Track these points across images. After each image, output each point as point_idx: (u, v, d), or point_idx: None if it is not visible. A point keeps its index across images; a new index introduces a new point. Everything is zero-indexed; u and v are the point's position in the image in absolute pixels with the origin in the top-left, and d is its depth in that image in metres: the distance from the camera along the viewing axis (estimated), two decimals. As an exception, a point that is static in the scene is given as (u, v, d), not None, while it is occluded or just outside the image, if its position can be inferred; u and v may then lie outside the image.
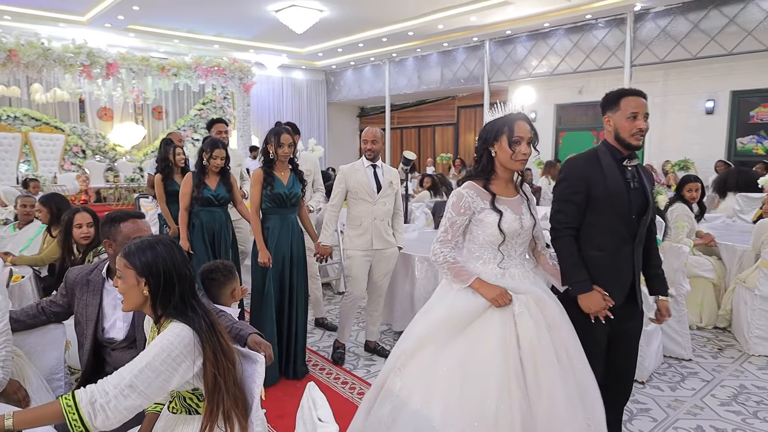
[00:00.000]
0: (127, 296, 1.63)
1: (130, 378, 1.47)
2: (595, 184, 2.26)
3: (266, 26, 10.98)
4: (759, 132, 9.31)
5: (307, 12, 9.50)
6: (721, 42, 8.73)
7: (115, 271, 2.04)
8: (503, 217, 2.11)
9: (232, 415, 1.63)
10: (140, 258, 1.61)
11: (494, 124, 2.15)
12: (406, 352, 2.13)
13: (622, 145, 2.29)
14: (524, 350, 2.00)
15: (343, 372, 3.67)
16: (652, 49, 9.53)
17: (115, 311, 2.03)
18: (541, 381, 1.97)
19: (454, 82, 13.06)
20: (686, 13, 9.09)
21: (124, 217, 2.06)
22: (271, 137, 3.45)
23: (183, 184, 3.93)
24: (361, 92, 15.55)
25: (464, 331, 2.06)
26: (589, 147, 2.50)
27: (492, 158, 2.17)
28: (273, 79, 15.11)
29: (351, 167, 3.77)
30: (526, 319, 2.04)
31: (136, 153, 12.58)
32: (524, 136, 2.10)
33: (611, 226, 2.27)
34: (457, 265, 2.14)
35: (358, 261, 3.71)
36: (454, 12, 10.03)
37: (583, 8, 9.61)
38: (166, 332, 1.57)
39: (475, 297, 2.08)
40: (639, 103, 2.26)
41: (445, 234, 2.18)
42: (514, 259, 2.18)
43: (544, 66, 11.20)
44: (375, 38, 11.96)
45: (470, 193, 2.15)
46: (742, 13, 8.49)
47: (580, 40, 10.53)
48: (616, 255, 2.29)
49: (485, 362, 1.98)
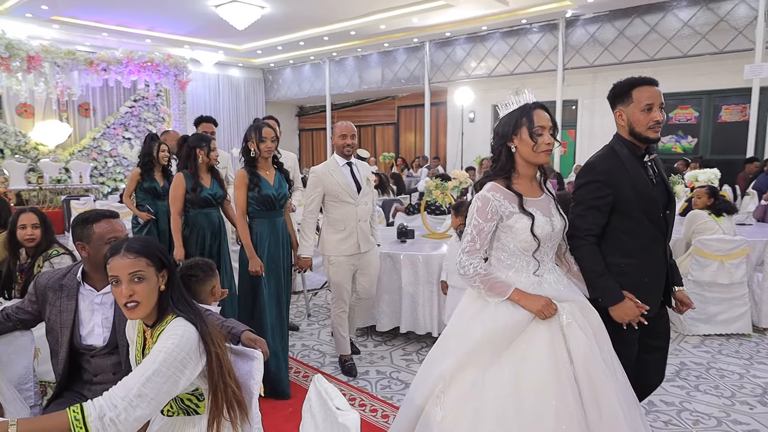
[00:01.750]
0: (148, 298, 1.56)
1: (138, 388, 1.43)
2: (622, 185, 2.08)
3: (203, 21, 10.64)
4: (677, 132, 10.12)
5: (248, 8, 9.31)
6: (644, 48, 9.40)
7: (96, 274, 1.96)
8: (535, 221, 1.91)
9: (236, 409, 1.62)
10: (156, 249, 1.58)
11: (510, 116, 1.96)
12: (444, 378, 1.90)
13: (639, 140, 2.13)
14: (578, 367, 1.81)
15: (379, 402, 3.25)
16: (583, 54, 10.11)
17: (93, 316, 1.93)
18: (600, 401, 1.79)
19: (394, 82, 13.23)
20: (613, 21, 9.71)
21: (97, 217, 1.95)
22: (251, 133, 3.17)
23: (175, 186, 3.57)
24: (301, 91, 15.40)
25: (508, 349, 1.86)
26: None
27: (512, 154, 1.98)
28: (209, 76, 14.66)
29: (324, 168, 3.48)
30: (575, 330, 1.86)
31: (60, 153, 11.79)
32: (545, 125, 1.92)
33: (640, 228, 2.11)
34: (490, 277, 1.93)
35: (343, 267, 3.49)
36: (397, 13, 10.17)
37: (518, 13, 10.03)
38: (168, 335, 1.54)
39: (517, 310, 1.88)
40: (653, 93, 2.09)
41: (472, 243, 1.95)
42: (546, 265, 1.99)
43: (482, 68, 11.58)
44: (316, 37, 11.90)
45: (497, 196, 1.94)
46: (662, 22, 9.19)
47: (516, 43, 10.99)
48: (648, 259, 2.13)
49: (538, 384, 1.78)
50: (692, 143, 9.96)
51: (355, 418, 1.38)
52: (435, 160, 12.12)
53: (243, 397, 1.69)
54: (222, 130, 13.51)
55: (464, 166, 11.23)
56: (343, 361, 3.68)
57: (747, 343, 4.12)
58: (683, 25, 8.95)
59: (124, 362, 1.90)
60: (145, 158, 4.53)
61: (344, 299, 3.57)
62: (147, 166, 4.51)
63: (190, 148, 3.62)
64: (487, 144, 12.59)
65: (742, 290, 4.24)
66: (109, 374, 1.91)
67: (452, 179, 4.87)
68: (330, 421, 1.48)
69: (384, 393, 3.37)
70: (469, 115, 12.66)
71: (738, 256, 4.18)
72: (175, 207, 3.56)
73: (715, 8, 8.68)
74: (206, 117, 4.74)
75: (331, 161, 3.52)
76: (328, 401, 1.49)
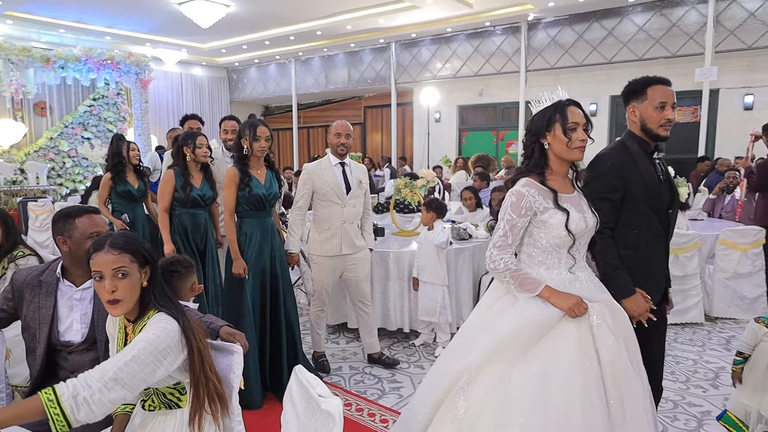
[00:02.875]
0: (131, 295, 1.57)
1: (115, 371, 1.45)
2: (632, 179, 2.14)
3: (165, 19, 10.44)
4: (633, 132, 10.52)
5: (213, 6, 9.19)
6: (602, 51, 9.74)
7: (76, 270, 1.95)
8: (570, 217, 1.90)
9: (217, 403, 1.66)
10: (140, 246, 1.58)
11: (544, 113, 1.97)
12: (470, 370, 1.88)
13: (649, 136, 2.19)
14: (605, 368, 1.79)
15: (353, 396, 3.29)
16: (544, 56, 10.39)
17: (71, 313, 1.92)
18: (625, 405, 1.79)
19: (361, 82, 13.27)
20: (572, 25, 10.02)
21: (79, 212, 1.95)
22: (245, 130, 3.06)
23: (164, 182, 3.54)
24: (266, 91, 15.27)
25: (536, 346, 1.84)
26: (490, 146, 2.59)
27: (545, 151, 1.97)
28: (171, 75, 14.37)
29: (317, 166, 3.45)
30: (604, 332, 1.84)
31: (15, 153, 11.36)
32: (579, 121, 1.93)
33: (646, 222, 2.16)
34: (521, 273, 1.92)
35: (325, 267, 3.46)
36: (363, 14, 10.22)
37: (482, 16, 10.23)
38: (151, 327, 1.56)
39: (547, 307, 1.86)
40: (667, 92, 2.16)
41: (504, 238, 1.94)
42: (580, 263, 1.98)
43: (447, 69, 11.76)
44: (282, 36, 11.83)
45: (531, 192, 1.92)
46: (618, 26, 9.54)
47: (480, 45, 11.20)
48: (649, 253, 2.19)
49: (566, 382, 1.77)
50: (648, 143, 10.37)
51: (338, 403, 1.43)
52: (401, 160, 12.23)
53: (224, 391, 1.72)
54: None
55: (431, 166, 11.37)
56: (316, 358, 3.69)
57: (700, 332, 4.36)
58: (638, 30, 9.32)
59: (102, 358, 1.90)
60: (114, 159, 4.33)
61: (323, 299, 3.55)
62: (117, 168, 4.31)
63: (178, 146, 3.59)
64: (453, 144, 12.81)
65: (695, 282, 4.48)
66: (86, 371, 1.91)
67: (420, 178, 4.97)
68: (312, 408, 1.52)
69: (357, 388, 3.43)
70: (435, 115, 12.82)
71: (691, 250, 4.42)
72: (163, 203, 3.52)
73: (668, 14, 9.07)
74: (191, 115, 4.63)
75: (325, 160, 3.49)
76: (310, 389, 1.53)
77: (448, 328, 3.98)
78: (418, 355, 3.95)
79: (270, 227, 3.23)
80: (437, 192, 6.45)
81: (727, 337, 4.24)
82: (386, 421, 2.97)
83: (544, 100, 2.00)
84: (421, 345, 4.10)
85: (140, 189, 4.45)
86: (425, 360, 3.84)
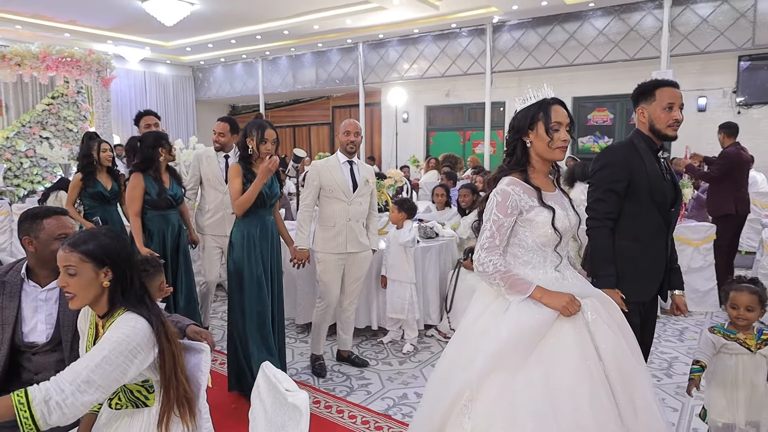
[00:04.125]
0: (83, 292, 1.57)
1: (87, 373, 1.45)
2: (637, 172, 2.20)
3: (128, 16, 10.22)
4: (595, 133, 10.84)
5: (177, 4, 9.05)
6: (564, 54, 10.00)
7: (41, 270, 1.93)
8: (556, 214, 1.88)
9: (185, 402, 1.67)
10: (96, 247, 1.57)
11: (528, 111, 1.95)
12: (470, 385, 1.79)
13: (657, 136, 2.27)
14: (608, 363, 1.76)
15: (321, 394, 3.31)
16: (509, 58, 10.61)
17: (36, 314, 1.90)
18: (634, 396, 1.75)
19: (329, 82, 13.27)
20: (536, 28, 10.26)
21: (46, 213, 1.94)
22: (252, 130, 3.04)
23: (132, 186, 3.46)
24: (233, 90, 15.10)
25: (535, 350, 1.78)
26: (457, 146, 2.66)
27: (526, 149, 1.96)
28: (134, 73, 14.05)
29: (325, 163, 3.44)
30: (601, 326, 1.81)
31: (-31, 153, 10.94)
32: (562, 121, 1.90)
33: (649, 216, 2.22)
34: (511, 275, 1.86)
35: (331, 265, 3.43)
36: (330, 14, 10.22)
37: (448, 18, 10.37)
38: (119, 325, 1.56)
39: (540, 309, 1.80)
40: (675, 94, 2.23)
41: (492, 239, 1.89)
42: (564, 260, 1.97)
43: (414, 69, 11.87)
44: (249, 35, 11.72)
45: (516, 190, 1.89)
46: (579, 30, 9.82)
47: (447, 46, 11.35)
48: (650, 245, 2.23)
49: (571, 383, 1.71)
50: (608, 143, 10.70)
51: (305, 397, 1.47)
52: (370, 160, 12.27)
53: (192, 395, 1.74)
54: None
55: (399, 166, 11.46)
56: (313, 360, 3.65)
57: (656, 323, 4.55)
58: (598, 34, 9.62)
59: (68, 358, 1.89)
60: (84, 160, 4.13)
61: (330, 299, 3.49)
62: (88, 168, 4.12)
63: (150, 148, 3.49)
64: (421, 144, 12.94)
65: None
66: (51, 372, 1.88)
67: (388, 178, 5.03)
68: (279, 403, 1.56)
69: (326, 385, 3.47)
70: (403, 115, 12.92)
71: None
72: (134, 208, 3.45)
73: (626, 18, 9.39)
74: (147, 111, 4.49)
75: (333, 157, 3.50)
76: (278, 384, 1.57)
77: (416, 324, 4.05)
78: (386, 352, 4.00)
79: (270, 227, 3.19)
80: (405, 192, 6.53)
81: (681, 328, 4.44)
82: (354, 417, 3.02)
83: (529, 98, 1.98)
84: (389, 342, 4.16)
85: (113, 190, 4.27)
86: (393, 357, 3.90)
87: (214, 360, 3.77)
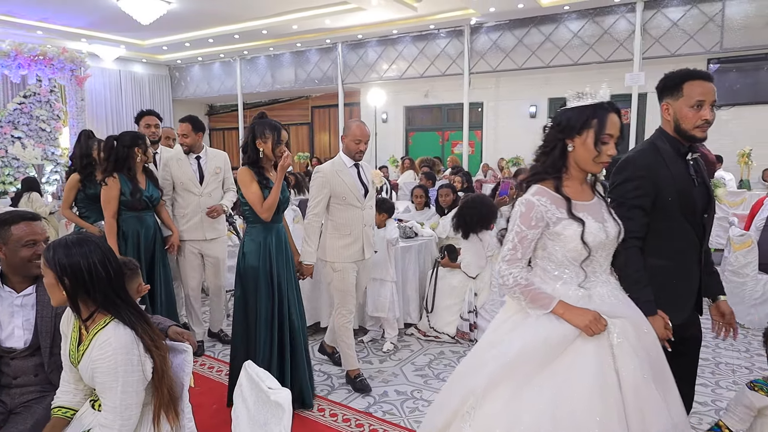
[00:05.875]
0: (52, 293, 1.63)
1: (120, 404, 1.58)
2: (663, 183, 1.95)
3: (102, 14, 10.06)
4: (570, 133, 11.04)
5: (153, 2, 8.94)
6: (540, 56, 10.18)
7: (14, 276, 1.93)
8: (586, 228, 1.71)
9: (170, 402, 1.70)
10: (57, 259, 1.59)
11: (581, 112, 1.73)
12: (475, 393, 1.72)
13: (684, 137, 2.00)
14: (627, 393, 1.62)
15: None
16: (486, 59, 10.74)
17: (12, 319, 1.89)
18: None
19: (308, 82, 13.25)
20: (512, 30, 10.41)
21: (16, 218, 1.91)
22: (266, 131, 2.84)
23: (110, 188, 3.39)
24: (211, 89, 14.96)
25: (549, 367, 1.66)
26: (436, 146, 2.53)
27: (565, 153, 1.77)
28: (109, 72, 13.83)
29: (332, 168, 3.19)
30: (626, 351, 1.66)
31: (-64, 154, 10.64)
32: (614, 134, 1.71)
33: (678, 229, 1.99)
34: (532, 288, 1.74)
35: (349, 274, 3.25)
36: (309, 14, 10.22)
37: (427, 19, 10.46)
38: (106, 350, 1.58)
39: (561, 324, 1.69)
40: (706, 89, 1.94)
41: (513, 252, 1.76)
42: (599, 276, 1.79)
43: (393, 70, 11.93)
44: (227, 34, 11.65)
45: (542, 201, 1.74)
46: (555, 32, 10.00)
47: (425, 47, 11.43)
48: (683, 262, 2.02)
49: (581, 408, 1.59)
50: (584, 143, 10.92)
51: (287, 395, 1.50)
52: (350, 160, 12.32)
53: (176, 394, 1.76)
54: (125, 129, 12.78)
55: (378, 166, 11.51)
56: (353, 378, 3.36)
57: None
58: (573, 36, 9.80)
59: (47, 363, 1.89)
60: (83, 160, 3.90)
61: (350, 309, 3.31)
62: (87, 169, 3.89)
63: (126, 148, 3.44)
64: (400, 144, 13.01)
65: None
66: (30, 376, 1.89)
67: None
68: (262, 401, 1.59)
69: (307, 385, 3.49)
70: (382, 115, 12.97)
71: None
72: (110, 209, 3.39)
73: (600, 21, 9.59)
74: (149, 111, 4.36)
75: (338, 161, 3.25)
76: (260, 383, 1.60)
77: (396, 323, 4.11)
78: (367, 351, 4.04)
79: (281, 234, 3.02)
80: (384, 192, 6.57)
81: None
82: (335, 415, 3.05)
83: (585, 95, 1.76)
84: (369, 341, 4.20)
85: None
86: (373, 356, 3.95)
87: (220, 371, 3.77)
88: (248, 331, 2.93)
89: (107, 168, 3.46)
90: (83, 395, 1.79)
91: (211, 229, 3.93)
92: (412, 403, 3.19)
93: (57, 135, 11.14)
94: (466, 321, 4.07)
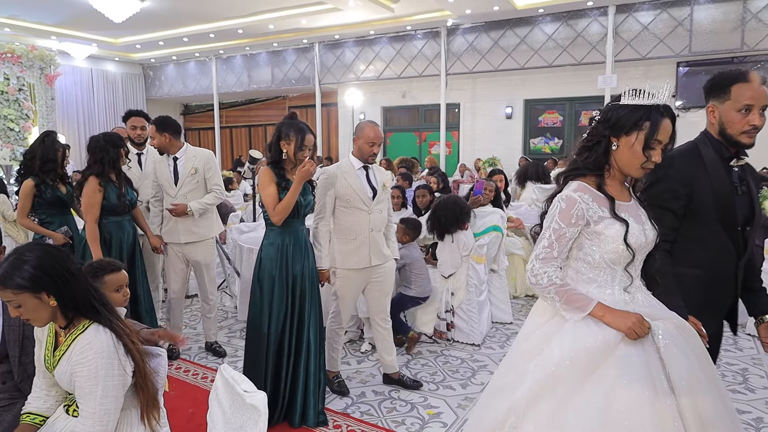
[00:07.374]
0: (36, 315, 1.58)
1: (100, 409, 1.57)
2: (699, 187, 1.86)
3: (73, 11, 9.85)
4: (546, 134, 11.22)
5: (126, 0, 8.78)
6: (516, 58, 10.31)
7: None
8: (629, 229, 1.61)
9: (155, 400, 1.71)
10: (25, 278, 1.52)
11: (634, 111, 1.62)
12: (516, 411, 1.61)
13: (729, 143, 1.89)
14: (681, 398, 1.49)
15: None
16: (463, 61, 10.84)
17: (-20, 330, 1.85)
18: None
19: (285, 82, 13.18)
20: (488, 31, 10.53)
21: None
22: (290, 133, 2.76)
23: (90, 192, 3.28)
24: (186, 89, 14.77)
25: (593, 376, 1.54)
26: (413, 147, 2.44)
27: (609, 150, 1.66)
28: (81, 70, 13.54)
29: (337, 169, 3.09)
30: (675, 353, 1.54)
31: None
32: (664, 140, 1.61)
33: (714, 238, 1.88)
34: (568, 288, 1.63)
35: (352, 282, 3.14)
36: (285, 14, 10.18)
37: (403, 20, 10.50)
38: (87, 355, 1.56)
39: (602, 329, 1.57)
40: (757, 92, 1.82)
41: (549, 249, 1.65)
42: (636, 281, 1.70)
43: (371, 70, 11.95)
44: (202, 33, 11.52)
45: (584, 198, 1.63)
46: (530, 34, 10.14)
47: (402, 48, 11.48)
48: (716, 274, 1.90)
49: (634, 419, 1.47)
50: (558, 144, 11.11)
51: (263, 397, 1.50)
52: (327, 161, 12.28)
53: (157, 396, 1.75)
54: (98, 129, 12.55)
55: (356, 166, 11.53)
56: (331, 378, 3.33)
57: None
58: (548, 38, 9.96)
59: (16, 371, 1.85)
60: (48, 165, 3.63)
61: (343, 317, 3.24)
62: (47, 174, 3.65)
63: (116, 148, 3.36)
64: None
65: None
66: None
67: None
68: (237, 404, 1.59)
69: (284, 386, 3.48)
70: (360, 116, 12.97)
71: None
72: (93, 214, 3.29)
73: (574, 24, 9.76)
74: (138, 111, 4.22)
75: (346, 162, 3.15)
76: (236, 386, 1.59)
77: (373, 324, 4.11)
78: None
79: (303, 238, 2.93)
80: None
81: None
82: (313, 417, 3.05)
83: (642, 93, 1.64)
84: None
85: (69, 193, 3.82)
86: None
87: (195, 374, 3.73)
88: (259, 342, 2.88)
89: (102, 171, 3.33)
90: (55, 401, 1.76)
91: (186, 232, 3.75)
92: (389, 404, 3.20)
93: (26, 135, 10.87)
94: (443, 320, 4.11)
